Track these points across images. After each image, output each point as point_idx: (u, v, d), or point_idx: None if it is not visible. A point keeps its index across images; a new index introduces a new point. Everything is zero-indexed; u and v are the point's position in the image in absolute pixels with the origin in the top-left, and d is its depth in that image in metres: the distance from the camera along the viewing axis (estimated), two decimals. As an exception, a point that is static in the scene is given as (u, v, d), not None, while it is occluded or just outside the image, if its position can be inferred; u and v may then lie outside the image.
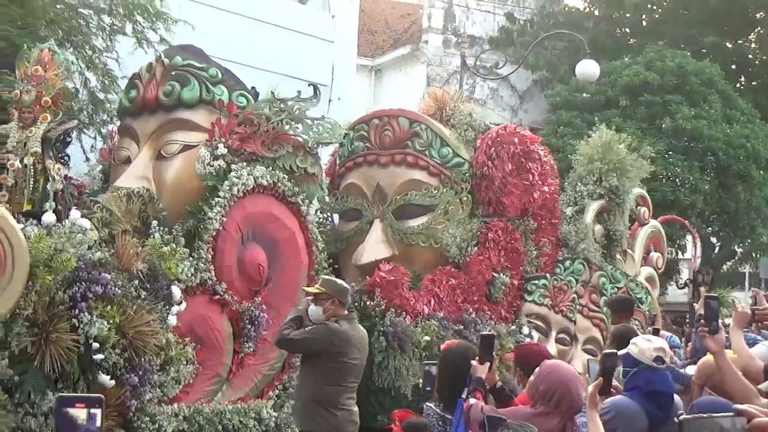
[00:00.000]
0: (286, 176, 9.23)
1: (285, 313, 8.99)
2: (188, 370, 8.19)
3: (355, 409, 7.56)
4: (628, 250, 13.39)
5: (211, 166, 8.89)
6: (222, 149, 9.00)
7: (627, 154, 13.19)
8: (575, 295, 11.95)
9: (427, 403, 6.16)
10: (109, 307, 7.55)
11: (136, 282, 7.86)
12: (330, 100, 16.71)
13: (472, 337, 10.33)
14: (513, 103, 28.29)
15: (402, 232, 11.05)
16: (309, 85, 9.57)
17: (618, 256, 13.09)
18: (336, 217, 11.83)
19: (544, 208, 11.95)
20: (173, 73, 9.30)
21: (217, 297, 8.56)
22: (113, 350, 7.52)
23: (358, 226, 11.33)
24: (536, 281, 11.69)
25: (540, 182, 11.77)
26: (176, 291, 8.10)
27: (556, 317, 11.76)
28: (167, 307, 8.02)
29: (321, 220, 11.63)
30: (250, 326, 8.70)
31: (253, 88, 9.71)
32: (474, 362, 5.55)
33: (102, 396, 3.44)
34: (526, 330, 11.37)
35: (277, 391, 9.02)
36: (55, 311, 7.30)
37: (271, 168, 9.18)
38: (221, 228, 8.62)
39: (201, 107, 9.31)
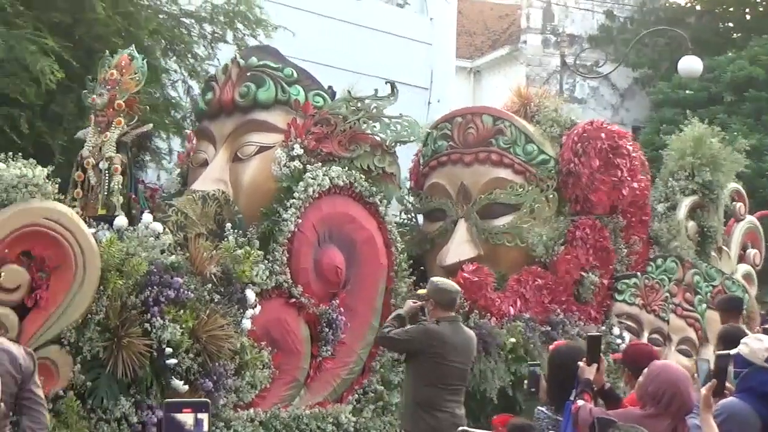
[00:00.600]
0: (363, 176, 8.84)
1: (364, 315, 8.69)
2: (264, 374, 7.92)
3: (459, 412, 7.16)
4: (724, 247, 12.74)
5: (287, 167, 8.61)
6: (298, 150, 8.72)
7: (721, 148, 12.52)
8: (668, 294, 11.35)
9: (539, 407, 5.99)
10: (181, 311, 7.34)
11: (210, 286, 7.63)
12: (429, 103, 16.67)
13: (559, 339, 9.89)
14: (614, 102, 27.41)
15: (487, 231, 10.63)
16: (386, 83, 9.21)
17: (713, 254, 12.47)
18: (420, 217, 11.44)
19: (633, 204, 11.40)
20: (249, 74, 9.05)
21: (294, 300, 8.27)
22: (186, 355, 7.32)
23: (442, 226, 10.95)
24: (627, 280, 11.15)
25: (629, 178, 11.21)
26: (250, 294, 7.83)
27: (648, 317, 11.21)
28: (241, 310, 7.76)
29: (404, 220, 11.41)
30: (327, 329, 8.39)
31: (330, 87, 9.39)
32: (581, 363, 5.39)
33: (208, 401, 3.20)
34: (617, 331, 10.84)
35: (356, 395, 8.69)
36: (127, 316, 7.12)
37: (347, 168, 8.79)
38: (296, 230, 8.32)
39: (277, 108, 9.05)
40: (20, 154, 7.11)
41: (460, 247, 10.57)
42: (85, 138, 8.28)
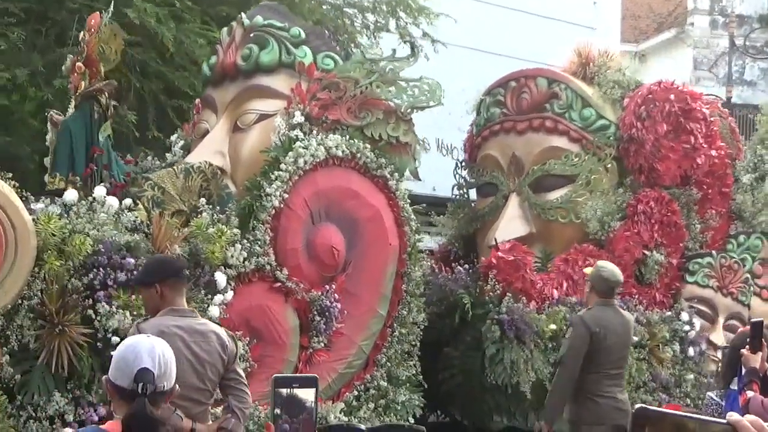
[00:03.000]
0: (372, 146, 7.37)
1: (368, 302, 7.26)
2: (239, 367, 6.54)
3: (622, 396, 6.47)
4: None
5: (286, 136, 7.21)
6: (299, 117, 7.36)
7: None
8: (749, 275, 9.42)
9: (709, 393, 5.73)
10: (134, 296, 6.02)
11: (170, 268, 6.29)
12: None
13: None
14: (786, 83, 24.90)
15: (540, 206, 9.07)
16: (405, 41, 7.70)
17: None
18: (474, 193, 9.93)
19: (711, 174, 9.57)
20: (252, 35, 7.71)
21: (279, 284, 6.86)
22: (139, 346, 5.97)
23: (493, 202, 9.46)
24: (700, 260, 9.33)
25: (705, 145, 9.34)
26: (221, 278, 6.55)
27: (725, 301, 9.35)
28: (209, 296, 6.42)
29: (456, 196, 9.93)
30: (319, 318, 7.01)
31: (344, 49, 7.93)
32: (744, 351, 4.90)
33: (316, 376, 2.91)
34: (685, 316, 9.06)
35: (356, 391, 7.28)
36: (66, 301, 5.88)
37: (356, 137, 7.35)
38: (284, 206, 6.92)
39: (281, 71, 7.72)
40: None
41: (509, 225, 9.05)
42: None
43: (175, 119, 9.18)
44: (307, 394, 2.53)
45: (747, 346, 4.89)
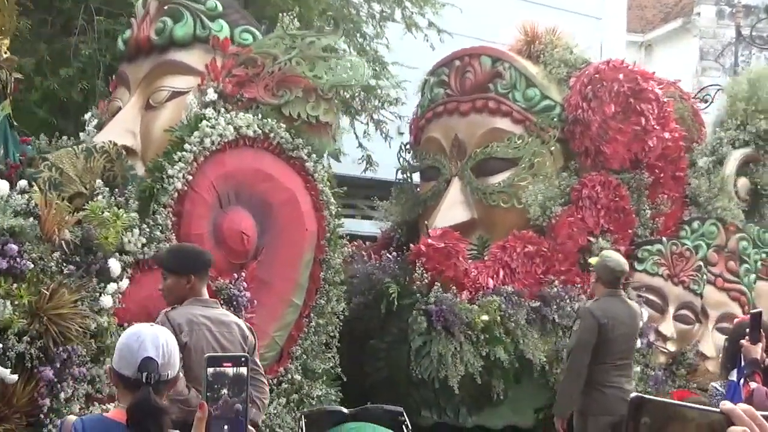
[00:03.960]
0: (285, 126, 6.92)
1: (281, 291, 6.82)
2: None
3: (629, 386, 6.51)
4: (785, 208, 10.16)
5: (194, 115, 6.76)
6: (212, 95, 6.88)
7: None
8: (702, 263, 8.98)
9: (713, 383, 5.75)
10: (15, 284, 5.59)
11: (58, 254, 5.85)
12: None
13: (553, 315, 7.80)
14: (792, 74, 24.32)
15: (481, 191, 8.63)
16: (326, 15, 7.25)
17: (770, 215, 9.94)
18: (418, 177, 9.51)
19: (664, 158, 9.11)
20: (166, 7, 7.26)
21: (181, 272, 6.39)
22: (20, 338, 5.56)
23: (435, 186, 8.98)
24: (649, 247, 8.88)
25: (658, 127, 8.88)
26: (115, 265, 6.09)
27: (675, 290, 8.90)
28: (102, 284, 5.98)
29: (400, 181, 9.52)
30: (226, 308, 6.45)
31: (264, 23, 7.49)
32: (744, 342, 4.87)
33: (247, 355, 2.54)
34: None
35: (269, 385, 6.77)
36: (-68, 290, 5.46)
37: (271, 116, 6.90)
38: (188, 189, 6.47)
39: (196, 46, 7.28)
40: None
41: (450, 211, 8.63)
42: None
43: None
44: (239, 372, 2.35)
45: (747, 337, 4.85)
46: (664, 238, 8.94)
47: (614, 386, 6.36)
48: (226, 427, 2.24)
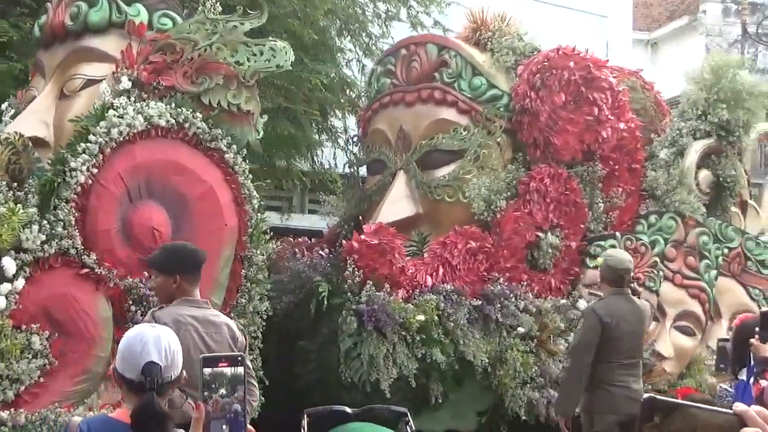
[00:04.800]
0: (201, 115, 6.52)
1: (202, 288, 6.38)
2: (33, 365, 5.73)
3: (636, 386, 6.33)
4: (751, 202, 9.74)
5: (101, 104, 6.35)
6: (126, 83, 6.46)
7: (751, 83, 9.53)
8: (658, 259, 8.56)
9: (721, 385, 5.82)
10: None
11: (-59, 253, 5.48)
12: None
13: (496, 315, 7.41)
14: (799, 72, 24.03)
15: (426, 185, 8.20)
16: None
17: (733, 209, 9.51)
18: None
19: (619, 149, 8.71)
20: (81, -9, 6.82)
21: (87, 271, 6.00)
22: None
23: (380, 180, 8.57)
24: (602, 242, 8.46)
25: (612, 117, 8.47)
26: (9, 264, 5.70)
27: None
28: (-7, 284, 5.60)
29: (347, 174, 9.13)
30: (135, 308, 6.12)
31: (186, 7, 7.09)
32: (754, 341, 4.77)
33: (243, 354, 2.92)
34: (582, 304, 8.17)
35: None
36: None
37: (186, 105, 6.50)
38: (94, 182, 6.06)
39: (112, 32, 6.89)
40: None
41: (394, 205, 8.23)
42: None
43: None
44: (236, 372, 2.39)
45: (756, 336, 4.78)
46: (617, 233, 8.53)
47: (621, 385, 6.23)
48: (224, 427, 2.23)
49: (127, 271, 6.16)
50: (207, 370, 2.28)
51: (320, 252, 7.43)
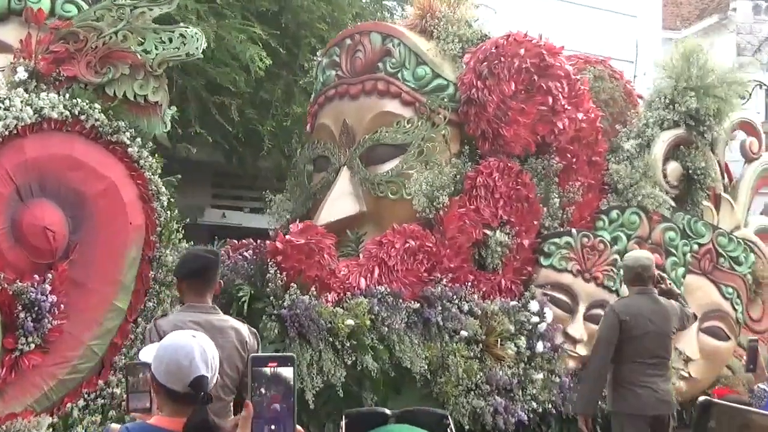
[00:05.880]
0: (101, 106, 6.02)
1: (100, 294, 5.90)
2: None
3: (664, 386, 6.13)
4: (725, 195, 9.12)
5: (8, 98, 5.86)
6: (22, 74, 5.97)
7: (723, 71, 8.93)
8: (618, 257, 7.97)
9: (759, 384, 5.85)
10: None
11: None
12: (635, 76, 14.70)
13: (437, 318, 6.86)
14: (830, 71, 23.33)
15: (369, 181, 7.64)
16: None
17: (704, 203, 8.89)
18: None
19: (577, 141, 8.11)
20: (-21, -23, 6.33)
21: (-33, 275, 5.51)
22: None
23: (325, 177, 8.02)
24: (557, 239, 7.88)
25: (570, 107, 7.90)
26: None
27: (587, 287, 7.90)
28: None
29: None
30: (25, 314, 5.61)
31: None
32: None
33: (293, 355, 2.54)
34: (534, 305, 7.60)
35: (84, 400, 5.87)
36: None
37: (86, 97, 6.00)
38: (-24, 180, 5.56)
39: (12, 20, 6.37)
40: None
41: (337, 203, 7.72)
42: None
43: (217, 115, 9.14)
44: (286, 373, 2.38)
45: None
46: (573, 230, 7.94)
47: (648, 386, 6.03)
48: (272, 426, 2.22)
49: (16, 274, 5.66)
50: (255, 370, 2.26)
51: (244, 253, 6.88)
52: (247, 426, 2.22)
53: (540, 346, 7.55)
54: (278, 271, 6.57)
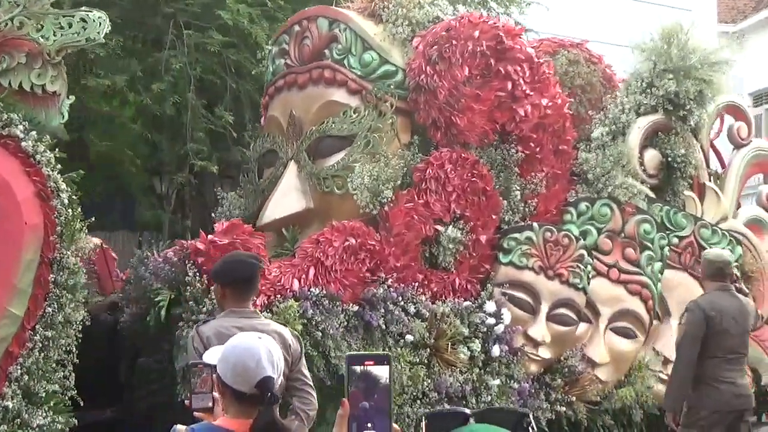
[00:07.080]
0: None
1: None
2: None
3: (742, 381, 6.08)
4: (708, 183, 8.37)
5: None
6: None
7: (707, 50, 8.20)
8: (584, 252, 7.28)
9: None
10: None
11: None
12: None
13: (379, 321, 6.24)
14: None
15: (315, 175, 7.02)
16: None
17: (688, 193, 8.16)
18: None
19: (541, 129, 7.41)
20: None
21: None
22: None
23: (272, 173, 7.43)
24: (517, 234, 7.19)
25: (532, 93, 7.23)
26: None
27: (549, 285, 7.21)
28: None
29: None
30: None
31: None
32: None
33: (389, 354, 2.92)
34: (491, 306, 6.93)
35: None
36: None
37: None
38: None
39: None
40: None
41: (283, 200, 7.16)
42: None
43: None
44: (381, 372, 2.23)
45: None
46: (535, 224, 7.25)
47: (727, 381, 5.97)
48: (369, 424, 2.20)
49: None
50: (351, 368, 2.21)
51: (167, 255, 6.30)
52: (344, 424, 2.15)
53: (496, 350, 6.89)
54: (198, 274, 5.98)
